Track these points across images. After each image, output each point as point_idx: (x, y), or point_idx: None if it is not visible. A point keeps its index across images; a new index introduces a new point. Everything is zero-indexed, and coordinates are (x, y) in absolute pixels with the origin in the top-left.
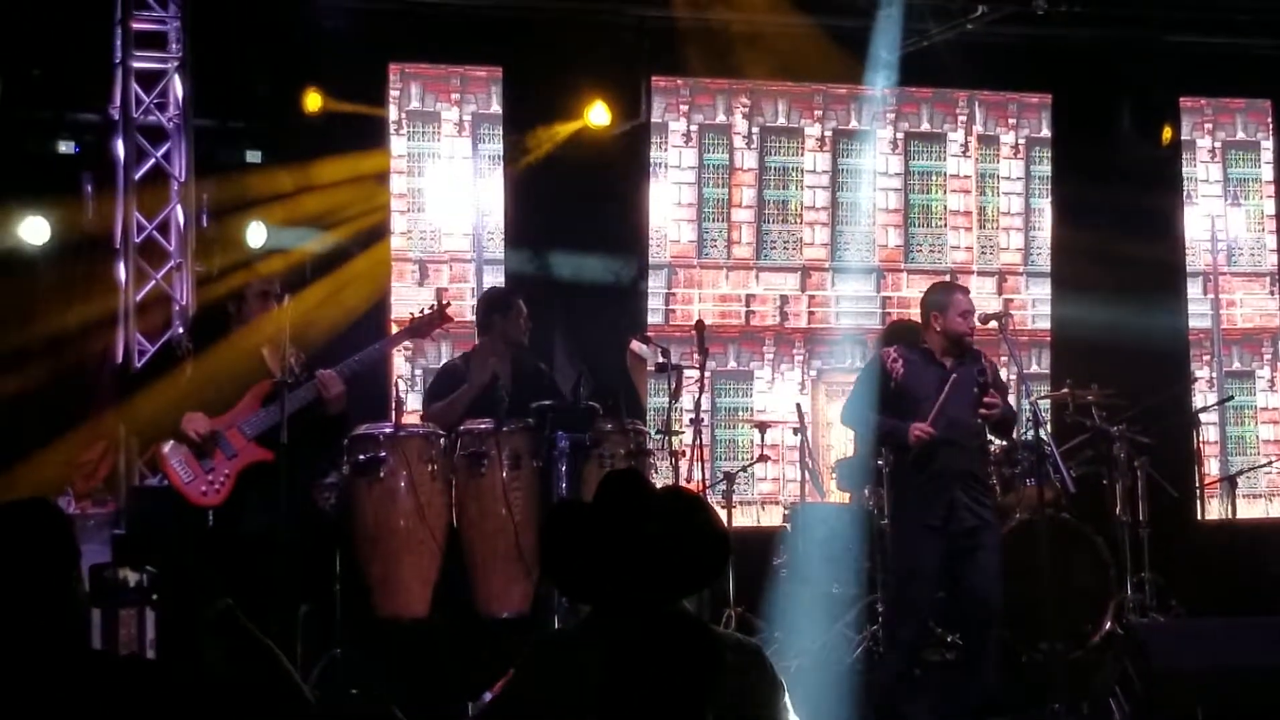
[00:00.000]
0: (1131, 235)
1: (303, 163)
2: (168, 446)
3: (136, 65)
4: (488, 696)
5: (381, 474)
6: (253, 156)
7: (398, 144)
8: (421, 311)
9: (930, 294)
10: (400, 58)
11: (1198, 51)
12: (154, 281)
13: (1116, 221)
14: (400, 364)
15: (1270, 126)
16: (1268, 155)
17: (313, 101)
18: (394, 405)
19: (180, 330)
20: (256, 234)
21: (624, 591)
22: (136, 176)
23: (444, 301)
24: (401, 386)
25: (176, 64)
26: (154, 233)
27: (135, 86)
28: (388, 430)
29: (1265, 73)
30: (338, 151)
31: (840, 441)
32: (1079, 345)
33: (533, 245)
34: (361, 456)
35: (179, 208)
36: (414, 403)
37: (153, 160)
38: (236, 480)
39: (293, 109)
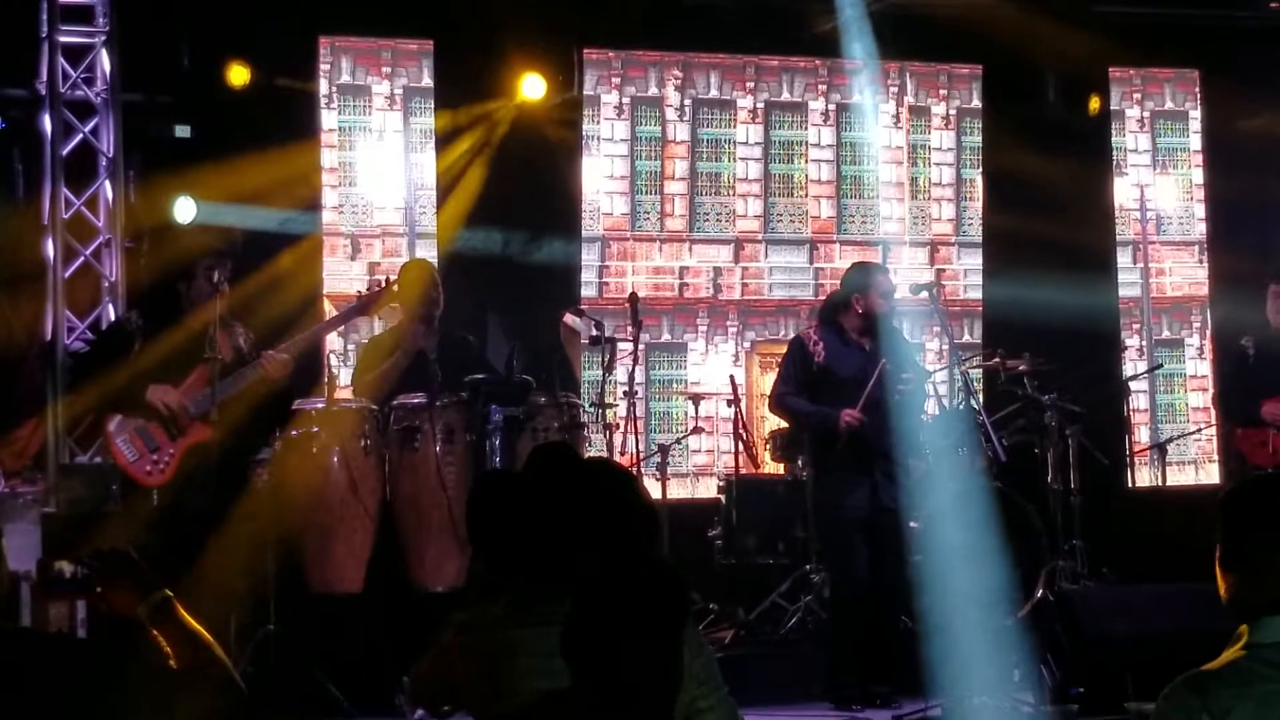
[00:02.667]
0: (1062, 205)
1: (233, 137)
2: (114, 424)
3: (63, 40)
4: None
5: (314, 449)
6: (182, 131)
7: (328, 118)
8: (368, 289)
9: (852, 274)
10: (330, 30)
11: (1126, 22)
12: (83, 258)
13: (1047, 192)
14: (333, 339)
15: (1198, 96)
16: (1196, 125)
17: (237, 75)
18: (326, 380)
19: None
20: (185, 209)
21: (553, 568)
22: (64, 152)
23: (390, 279)
24: (334, 361)
25: (104, 38)
26: (82, 208)
27: (62, 61)
28: (320, 405)
29: (1193, 43)
30: (268, 126)
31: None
32: (1010, 315)
33: (465, 219)
34: (294, 431)
35: (108, 183)
36: (346, 377)
37: (80, 135)
38: (181, 459)
39: (222, 83)
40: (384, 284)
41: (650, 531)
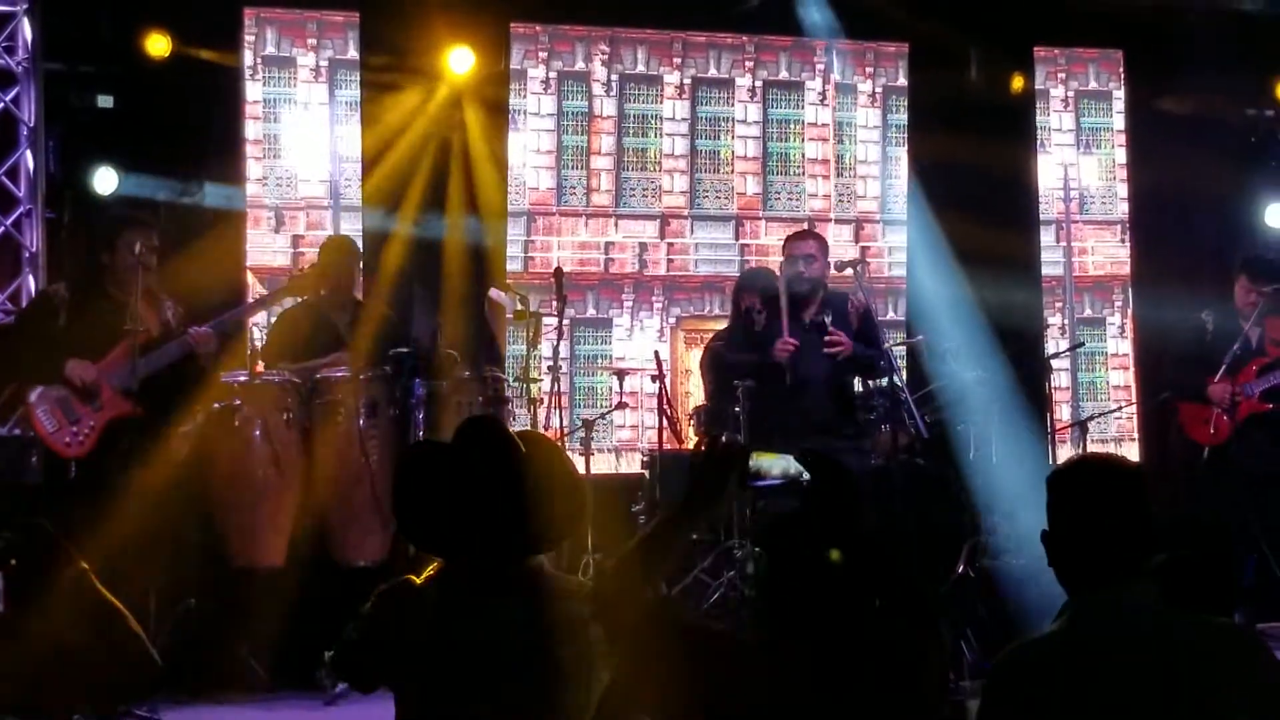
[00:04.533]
0: (986, 184)
1: (156, 107)
2: (34, 395)
3: None
4: None
5: (236, 422)
6: (104, 101)
7: (252, 89)
8: (299, 270)
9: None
10: (254, 2)
11: (1051, 1)
12: (3, 228)
13: (971, 170)
14: None
15: (1121, 76)
16: (1119, 105)
17: (157, 45)
18: (249, 353)
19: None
20: (106, 180)
21: (481, 544)
22: None
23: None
24: (256, 335)
25: (25, 6)
26: (3, 178)
27: None
28: (242, 378)
29: (1117, 23)
30: (191, 96)
31: (698, 388)
32: (934, 292)
33: (390, 192)
34: (216, 405)
35: (28, 153)
36: None
37: (1, 105)
38: (102, 433)
39: (145, 53)
40: (316, 266)
41: (579, 503)
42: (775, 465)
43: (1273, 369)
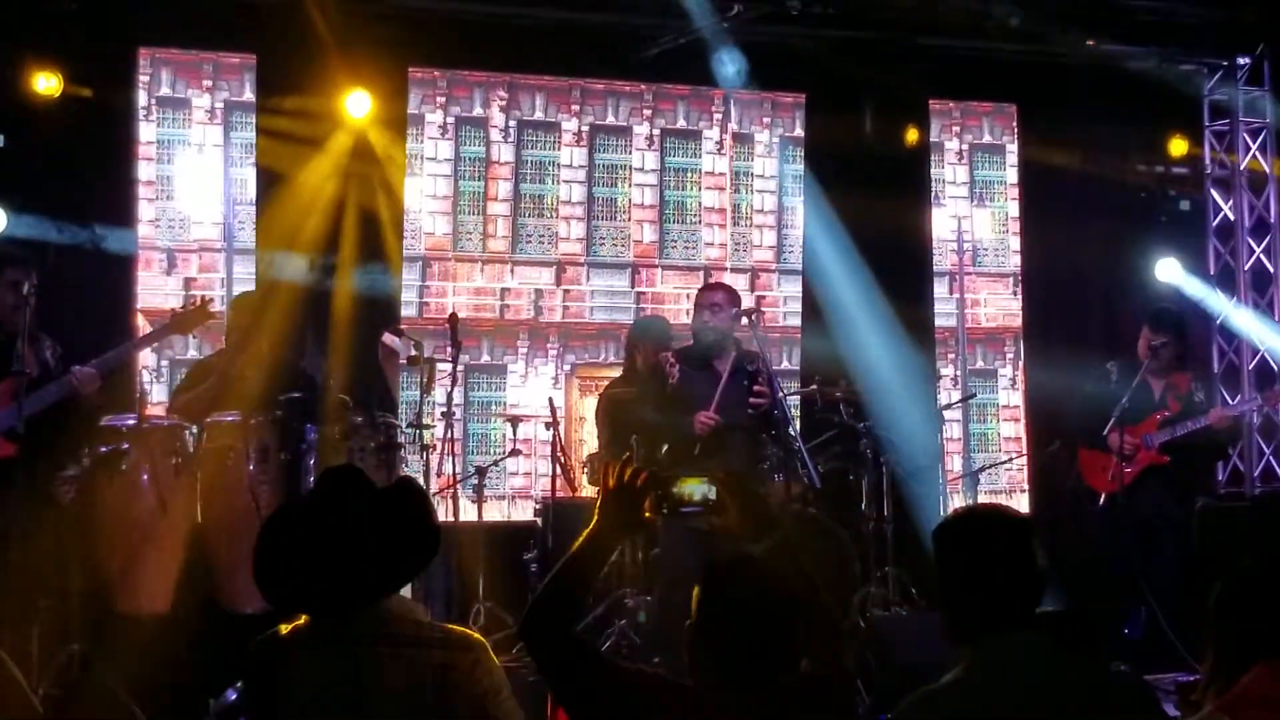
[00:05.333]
0: (880, 235)
1: (47, 147)
2: None
3: None
4: (231, 695)
5: (123, 466)
6: None
7: (146, 130)
8: (183, 307)
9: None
10: (150, 42)
11: (946, 55)
12: None
13: (866, 221)
14: (146, 354)
15: (1015, 130)
16: (1012, 159)
17: (46, 84)
18: (138, 396)
19: None
20: None
21: (324, 590)
22: None
23: (206, 298)
24: (146, 378)
25: None
26: None
27: None
28: (130, 422)
29: (1011, 78)
30: (84, 136)
31: (593, 436)
32: (828, 342)
33: (284, 235)
34: (103, 448)
35: None
36: (159, 394)
37: None
38: None
39: (35, 92)
40: (199, 302)
41: (429, 550)
42: (697, 491)
43: (1173, 423)
